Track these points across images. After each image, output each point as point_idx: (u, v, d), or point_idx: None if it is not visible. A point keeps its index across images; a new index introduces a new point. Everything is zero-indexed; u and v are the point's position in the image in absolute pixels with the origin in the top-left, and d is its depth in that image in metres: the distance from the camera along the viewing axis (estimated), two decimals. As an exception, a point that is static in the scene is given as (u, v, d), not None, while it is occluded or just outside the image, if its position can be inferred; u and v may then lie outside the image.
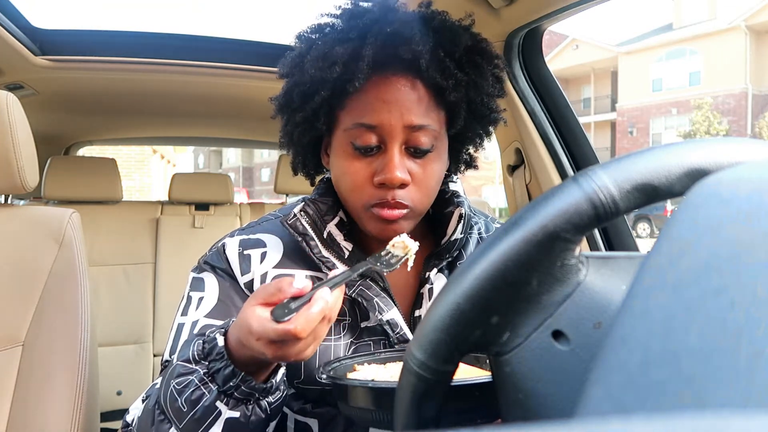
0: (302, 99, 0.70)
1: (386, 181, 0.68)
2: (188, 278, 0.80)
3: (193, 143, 3.51)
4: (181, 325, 0.76)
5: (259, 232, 0.80)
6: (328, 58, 0.66)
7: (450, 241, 0.78)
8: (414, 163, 0.71)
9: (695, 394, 0.18)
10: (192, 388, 0.61)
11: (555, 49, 24.71)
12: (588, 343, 0.34)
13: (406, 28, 0.67)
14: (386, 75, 0.68)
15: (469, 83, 0.70)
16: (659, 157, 0.32)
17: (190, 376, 0.62)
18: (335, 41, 0.68)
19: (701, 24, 21.60)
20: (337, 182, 0.75)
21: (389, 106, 0.68)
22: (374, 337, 0.75)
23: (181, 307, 0.78)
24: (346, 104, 0.70)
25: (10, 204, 1.07)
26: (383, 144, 0.70)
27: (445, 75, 0.68)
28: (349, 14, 0.70)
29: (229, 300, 0.76)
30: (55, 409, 0.91)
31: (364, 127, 0.69)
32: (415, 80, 0.69)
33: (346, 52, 0.66)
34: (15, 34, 1.35)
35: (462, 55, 0.69)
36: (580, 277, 0.35)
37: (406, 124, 0.68)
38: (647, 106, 22.72)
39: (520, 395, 0.35)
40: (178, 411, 0.61)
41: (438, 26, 0.70)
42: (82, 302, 0.98)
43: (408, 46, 0.66)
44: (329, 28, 0.71)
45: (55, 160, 2.14)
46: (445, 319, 0.34)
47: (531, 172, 1.34)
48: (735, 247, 0.21)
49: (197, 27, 69.94)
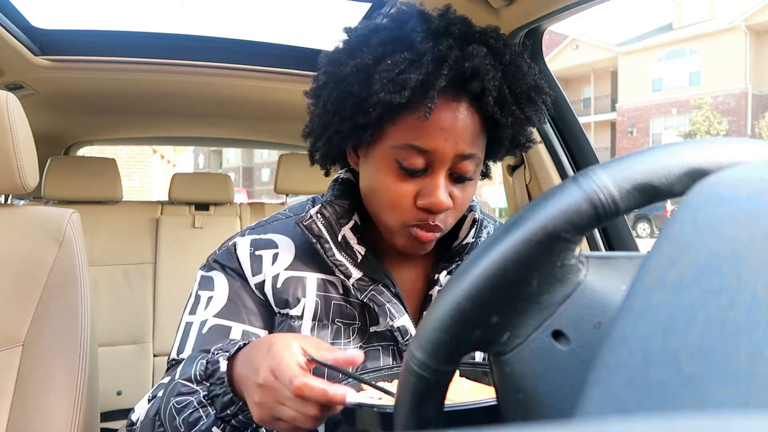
0: (355, 110, 0.67)
1: (432, 207, 0.68)
2: (196, 276, 0.80)
3: (193, 143, 3.51)
4: (189, 324, 0.76)
5: (270, 232, 0.80)
6: (398, 82, 0.63)
7: (461, 244, 0.79)
8: (455, 188, 0.70)
9: (695, 394, 0.18)
10: (191, 410, 0.61)
11: (555, 49, 24.71)
12: (588, 343, 0.34)
13: (481, 63, 0.65)
14: (448, 101, 0.66)
15: (523, 121, 0.69)
16: (659, 157, 0.32)
17: (190, 396, 0.62)
18: (408, 63, 0.64)
19: (701, 24, 21.60)
20: (371, 194, 0.73)
21: (446, 133, 0.66)
22: (383, 342, 0.75)
23: (188, 305, 0.78)
24: (398, 121, 0.68)
25: (10, 204, 1.07)
26: (430, 167, 0.68)
27: (504, 111, 0.67)
28: (424, 33, 0.66)
29: (239, 300, 0.76)
30: (55, 409, 0.91)
31: (416, 149, 0.67)
32: (474, 111, 0.68)
33: (419, 77, 0.63)
34: (15, 34, 1.35)
35: (523, 92, 0.69)
36: (580, 277, 0.35)
37: (458, 153, 0.67)
38: (647, 106, 22.72)
39: (520, 395, 0.35)
40: (175, 429, 0.62)
41: (509, 61, 0.68)
42: (82, 302, 0.98)
43: (480, 81, 0.65)
44: (398, 42, 0.66)
45: (55, 160, 2.14)
46: (446, 318, 0.34)
47: (531, 172, 1.34)
48: (735, 247, 0.21)
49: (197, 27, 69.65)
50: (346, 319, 0.75)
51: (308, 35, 20.71)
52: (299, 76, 1.67)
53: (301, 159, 2.46)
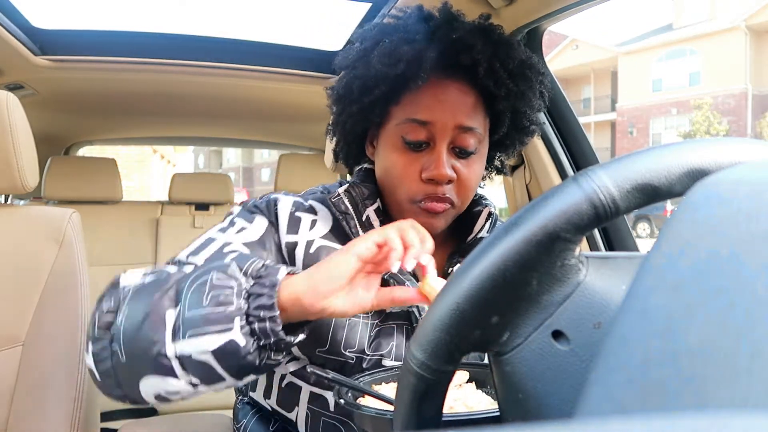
0: (361, 91, 0.74)
1: (435, 177, 0.72)
2: (232, 211, 0.81)
3: (193, 143, 3.51)
4: (211, 239, 0.75)
5: (311, 200, 0.82)
6: (394, 55, 0.70)
7: (476, 238, 0.81)
8: (459, 162, 0.75)
9: (695, 394, 0.18)
10: (226, 291, 0.58)
11: (555, 49, 24.70)
12: (588, 343, 0.34)
13: (468, 36, 0.71)
14: (444, 77, 0.73)
15: (517, 94, 0.74)
16: (659, 157, 0.32)
17: (232, 280, 0.59)
18: (402, 40, 0.72)
19: (701, 24, 21.59)
20: (383, 174, 0.78)
21: (443, 105, 0.72)
22: (398, 321, 0.77)
23: (219, 225, 0.78)
24: (401, 100, 0.74)
25: (10, 204, 1.07)
26: (432, 141, 0.73)
27: (497, 84, 0.72)
28: (416, 18, 0.75)
29: (269, 244, 0.76)
30: (55, 409, 0.91)
31: (417, 122, 0.73)
32: (469, 85, 0.73)
33: (412, 51, 0.70)
34: (15, 34, 1.35)
35: (515, 67, 0.73)
36: (580, 277, 0.35)
37: (457, 124, 0.72)
38: (647, 106, 22.71)
39: (520, 395, 0.35)
40: (196, 300, 0.58)
41: (497, 39, 0.74)
42: (82, 302, 0.98)
43: (469, 53, 0.70)
44: (394, 27, 0.75)
45: (55, 160, 2.14)
46: (445, 318, 0.34)
47: (531, 172, 1.34)
48: (735, 247, 0.21)
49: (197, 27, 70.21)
50: None
51: (308, 35, 20.87)
52: (299, 76, 1.67)
53: (301, 159, 2.46)
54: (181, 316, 0.58)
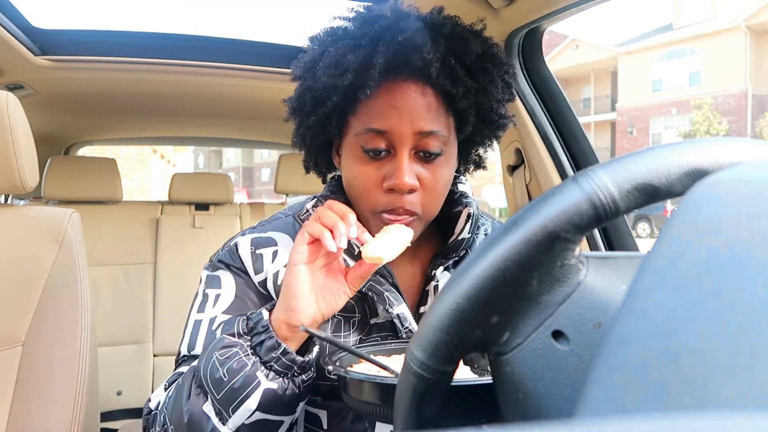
0: (314, 104, 0.71)
1: (395, 187, 0.69)
2: (201, 276, 0.82)
3: (193, 143, 3.51)
4: (198, 321, 0.78)
5: (269, 230, 0.82)
6: (339, 66, 0.67)
7: (457, 240, 0.79)
8: (423, 168, 0.71)
9: (695, 394, 0.18)
10: (235, 359, 0.64)
11: (555, 49, 24.70)
12: (588, 343, 0.34)
13: (417, 35, 0.67)
14: (397, 81, 0.69)
15: (478, 90, 0.70)
16: (659, 157, 0.32)
17: (234, 348, 0.65)
18: (347, 48, 0.68)
19: (701, 24, 21.59)
20: (348, 185, 0.76)
21: (399, 112, 0.68)
22: (383, 333, 0.76)
23: (196, 304, 0.80)
24: (357, 110, 0.71)
25: (10, 204, 1.07)
26: (393, 149, 0.70)
27: (455, 82, 0.68)
28: (362, 20, 0.70)
29: (246, 296, 0.78)
30: (55, 409, 0.91)
31: (374, 132, 0.69)
32: (425, 87, 0.69)
33: (358, 59, 0.66)
34: (15, 34, 1.35)
35: (472, 62, 0.69)
36: (580, 277, 0.35)
37: (416, 130, 0.68)
38: (647, 106, 22.72)
39: (520, 395, 0.35)
40: (218, 381, 0.64)
41: (449, 33, 0.70)
42: (82, 302, 0.98)
43: (419, 54, 0.66)
44: (342, 33, 0.71)
45: (55, 160, 2.14)
46: (445, 319, 0.34)
47: (531, 172, 1.34)
48: (735, 247, 0.21)
49: (197, 27, 69.33)
50: (346, 312, 0.76)
51: (308, 35, 20.83)
52: (299, 76, 1.67)
53: (301, 159, 2.46)
54: (215, 401, 0.64)
